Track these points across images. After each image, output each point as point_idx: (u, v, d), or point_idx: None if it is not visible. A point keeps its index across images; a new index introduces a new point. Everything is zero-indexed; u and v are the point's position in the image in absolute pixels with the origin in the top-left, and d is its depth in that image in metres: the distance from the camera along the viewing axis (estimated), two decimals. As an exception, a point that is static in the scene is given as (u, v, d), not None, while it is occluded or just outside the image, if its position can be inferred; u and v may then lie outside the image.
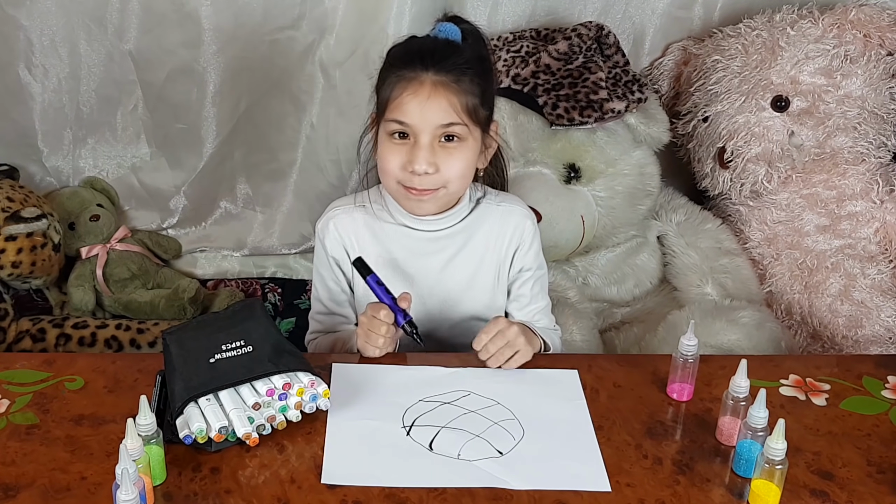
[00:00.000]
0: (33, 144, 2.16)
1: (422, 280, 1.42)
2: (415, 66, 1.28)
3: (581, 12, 2.12)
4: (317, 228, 1.47)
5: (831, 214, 2.05)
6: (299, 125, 2.17)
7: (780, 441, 1.04)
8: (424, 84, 1.28)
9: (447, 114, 1.28)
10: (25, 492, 1.06)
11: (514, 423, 1.21)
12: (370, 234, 1.43)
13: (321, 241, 1.45)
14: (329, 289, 1.47)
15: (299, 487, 1.08)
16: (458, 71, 1.28)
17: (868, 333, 1.97)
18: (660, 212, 2.15)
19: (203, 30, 1.99)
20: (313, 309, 1.52)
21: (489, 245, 1.45)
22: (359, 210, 1.44)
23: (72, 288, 2.09)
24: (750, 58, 2.04)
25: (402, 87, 1.28)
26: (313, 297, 1.52)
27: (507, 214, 1.46)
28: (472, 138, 1.32)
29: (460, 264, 1.43)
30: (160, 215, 2.29)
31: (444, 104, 1.28)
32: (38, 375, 1.28)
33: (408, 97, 1.28)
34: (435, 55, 1.29)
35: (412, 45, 1.35)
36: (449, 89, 1.28)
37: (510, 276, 1.48)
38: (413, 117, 1.28)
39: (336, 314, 1.49)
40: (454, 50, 1.31)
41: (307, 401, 1.17)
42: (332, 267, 1.45)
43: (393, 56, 1.35)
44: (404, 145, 1.31)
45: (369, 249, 1.42)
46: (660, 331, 1.83)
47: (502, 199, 1.47)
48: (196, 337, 1.21)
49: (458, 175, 1.33)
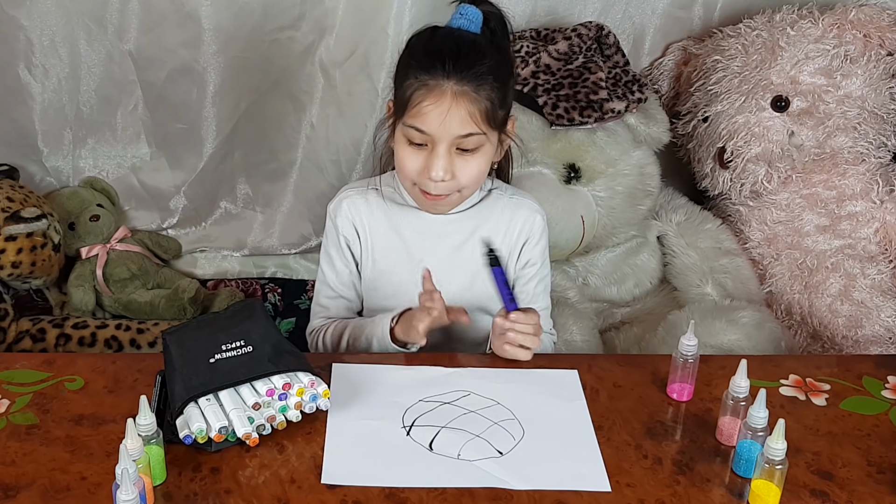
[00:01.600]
0: (33, 144, 2.16)
1: (431, 264, 1.42)
2: (436, 72, 1.27)
3: (581, 12, 2.12)
4: (329, 209, 1.48)
5: (831, 214, 2.05)
6: (299, 125, 2.17)
7: (780, 441, 1.04)
8: (446, 94, 1.27)
9: (466, 124, 1.28)
10: (25, 492, 1.06)
11: (514, 423, 1.21)
12: (383, 215, 1.44)
13: (332, 220, 1.46)
14: (337, 270, 1.48)
15: (299, 487, 1.08)
16: (480, 78, 1.28)
17: (868, 333, 1.97)
18: (660, 212, 2.15)
19: (203, 30, 1.99)
20: (318, 295, 1.51)
21: (498, 234, 1.46)
22: (372, 192, 1.46)
23: (72, 288, 2.09)
24: (750, 58, 2.04)
25: (422, 94, 1.28)
26: (318, 282, 1.52)
27: (518, 207, 1.47)
28: (488, 143, 1.34)
29: (469, 251, 1.44)
30: (160, 215, 2.28)
31: (463, 114, 1.28)
32: (38, 375, 1.28)
33: (428, 107, 1.28)
34: (458, 60, 1.27)
35: (435, 43, 1.32)
36: (469, 99, 1.28)
37: (516, 269, 1.49)
38: (432, 126, 1.29)
39: (343, 297, 1.50)
40: (476, 52, 1.30)
41: (307, 401, 1.17)
42: (342, 246, 1.46)
43: (415, 51, 1.33)
44: (422, 151, 1.32)
45: (380, 231, 1.44)
46: (660, 331, 1.83)
47: (514, 192, 1.49)
48: (196, 337, 1.21)
49: (473, 181, 1.35)
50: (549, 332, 1.53)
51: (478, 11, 1.33)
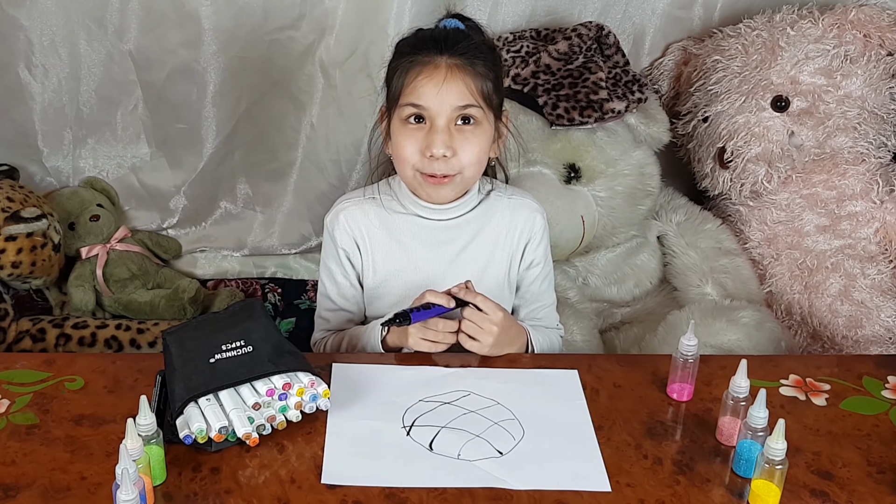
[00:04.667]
0: (33, 144, 2.16)
1: (432, 270, 1.42)
2: (429, 51, 1.30)
3: (581, 12, 2.12)
4: (326, 222, 1.47)
5: (831, 214, 2.05)
6: (299, 125, 2.17)
7: (780, 441, 1.04)
8: (440, 67, 1.29)
9: (463, 96, 1.29)
10: (25, 492, 1.06)
11: (514, 423, 1.21)
12: (381, 224, 1.43)
13: (330, 234, 1.45)
14: (337, 283, 1.47)
15: (299, 487, 1.08)
16: (472, 54, 1.30)
17: (868, 333, 1.97)
18: (660, 212, 2.15)
19: (203, 30, 1.99)
20: (320, 307, 1.51)
21: (499, 238, 1.45)
22: (369, 202, 1.45)
23: (72, 288, 2.09)
24: (750, 58, 2.04)
25: (416, 71, 1.29)
26: (320, 294, 1.51)
27: (518, 208, 1.47)
28: (486, 122, 1.33)
29: (471, 256, 1.44)
30: (160, 215, 2.28)
31: (460, 86, 1.28)
32: (38, 375, 1.28)
33: (423, 80, 1.28)
34: (448, 40, 1.30)
35: (422, 33, 1.35)
36: (464, 72, 1.29)
37: (520, 270, 1.49)
38: (429, 100, 1.29)
39: (344, 310, 1.49)
40: (465, 36, 1.33)
41: (307, 401, 1.17)
42: (342, 260, 1.45)
43: (403, 46, 1.35)
44: (420, 130, 1.31)
45: (380, 240, 1.43)
46: (660, 331, 1.83)
47: (513, 192, 1.49)
48: (196, 337, 1.21)
49: (473, 160, 1.34)
50: (555, 328, 1.53)
51: (459, 22, 1.36)
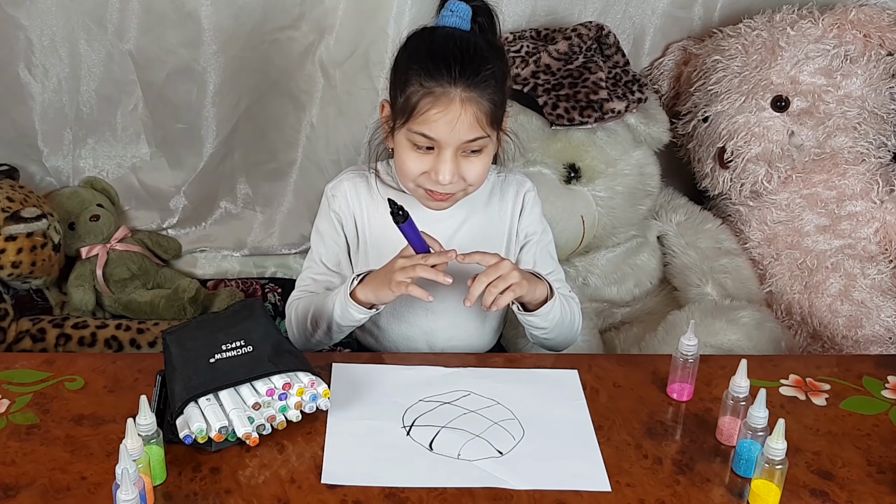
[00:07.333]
0: (33, 144, 2.16)
1: None
2: (442, 79, 1.27)
3: (581, 12, 2.12)
4: (327, 188, 1.47)
5: (831, 214, 2.05)
6: (299, 125, 2.17)
7: (780, 441, 1.04)
8: (454, 101, 1.27)
9: (473, 129, 1.29)
10: (25, 492, 1.06)
11: (514, 423, 1.21)
12: (381, 199, 1.43)
13: (328, 197, 1.46)
14: (326, 244, 1.48)
15: (299, 487, 1.08)
16: (485, 82, 1.28)
17: (868, 333, 1.97)
18: (660, 212, 2.15)
19: (203, 30, 1.99)
20: (305, 269, 1.50)
21: (494, 216, 1.46)
22: (372, 176, 1.46)
23: (72, 288, 2.09)
24: (750, 58, 2.04)
25: (429, 102, 1.27)
26: (308, 259, 1.51)
27: (505, 184, 1.49)
28: (492, 143, 1.34)
29: (465, 237, 1.44)
30: (160, 215, 2.28)
31: (471, 120, 1.28)
32: (38, 375, 1.28)
33: (437, 114, 1.27)
34: (463, 66, 1.27)
35: (436, 47, 1.31)
36: (476, 104, 1.28)
37: (518, 243, 1.49)
38: (441, 134, 1.28)
39: (328, 273, 1.48)
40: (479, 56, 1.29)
41: (307, 401, 1.17)
42: (334, 223, 1.46)
43: (416, 55, 1.32)
44: (426, 155, 1.32)
45: (377, 214, 1.43)
46: (660, 331, 1.83)
47: (499, 169, 1.50)
48: (196, 337, 1.21)
49: (479, 179, 1.35)
50: (569, 295, 1.48)
51: (467, 7, 1.32)
